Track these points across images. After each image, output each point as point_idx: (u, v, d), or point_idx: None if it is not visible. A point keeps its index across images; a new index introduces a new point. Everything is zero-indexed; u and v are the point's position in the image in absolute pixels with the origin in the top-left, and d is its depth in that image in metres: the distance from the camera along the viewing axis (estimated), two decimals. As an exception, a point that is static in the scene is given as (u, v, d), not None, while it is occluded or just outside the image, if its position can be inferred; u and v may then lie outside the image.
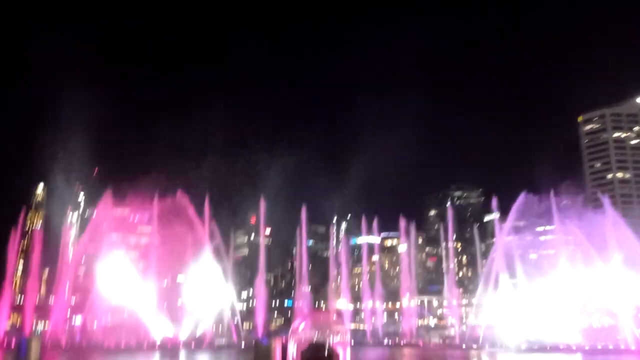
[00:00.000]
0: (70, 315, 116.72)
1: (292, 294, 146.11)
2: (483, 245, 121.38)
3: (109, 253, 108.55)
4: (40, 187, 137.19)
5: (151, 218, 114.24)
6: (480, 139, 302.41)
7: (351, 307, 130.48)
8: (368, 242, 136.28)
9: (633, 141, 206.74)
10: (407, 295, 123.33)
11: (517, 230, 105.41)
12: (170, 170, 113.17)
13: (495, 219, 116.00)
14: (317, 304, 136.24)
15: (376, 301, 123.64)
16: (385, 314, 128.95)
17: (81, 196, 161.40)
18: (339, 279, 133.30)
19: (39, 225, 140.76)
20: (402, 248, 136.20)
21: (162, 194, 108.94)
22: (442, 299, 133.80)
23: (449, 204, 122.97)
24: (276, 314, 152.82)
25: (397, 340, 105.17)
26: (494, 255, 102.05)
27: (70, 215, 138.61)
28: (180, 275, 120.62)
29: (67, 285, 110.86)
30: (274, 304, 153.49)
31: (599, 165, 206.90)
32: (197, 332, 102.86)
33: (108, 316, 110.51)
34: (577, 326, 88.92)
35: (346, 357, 8.75)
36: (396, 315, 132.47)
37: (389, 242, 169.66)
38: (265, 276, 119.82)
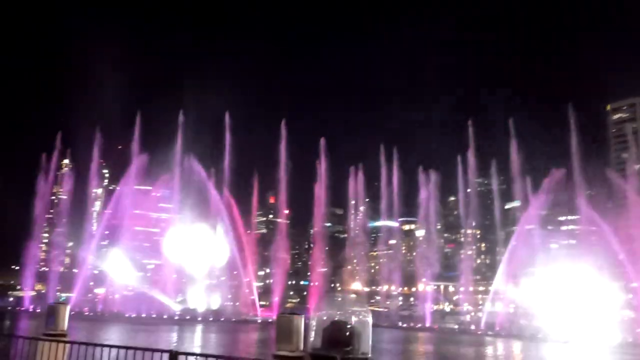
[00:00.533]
0: (92, 285, 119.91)
1: (308, 274, 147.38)
2: (503, 233, 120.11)
3: (131, 227, 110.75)
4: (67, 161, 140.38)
5: (172, 194, 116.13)
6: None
7: (367, 289, 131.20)
8: (386, 225, 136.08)
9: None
10: (424, 280, 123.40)
11: (539, 219, 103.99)
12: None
13: (516, 206, 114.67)
14: (333, 285, 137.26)
15: (392, 285, 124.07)
16: (401, 298, 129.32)
17: (106, 171, 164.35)
18: (355, 261, 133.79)
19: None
20: (420, 233, 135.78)
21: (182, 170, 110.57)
22: (459, 285, 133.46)
23: (469, 190, 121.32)
24: (292, 293, 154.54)
25: (412, 324, 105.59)
26: (514, 243, 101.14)
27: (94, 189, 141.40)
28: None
29: (89, 256, 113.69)
30: (290, 283, 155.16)
31: (625, 155, 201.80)
32: (216, 306, 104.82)
33: (129, 287, 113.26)
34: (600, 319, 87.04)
35: (368, 336, 8.82)
36: (412, 299, 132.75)
37: (406, 227, 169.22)
38: (282, 255, 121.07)
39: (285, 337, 9.83)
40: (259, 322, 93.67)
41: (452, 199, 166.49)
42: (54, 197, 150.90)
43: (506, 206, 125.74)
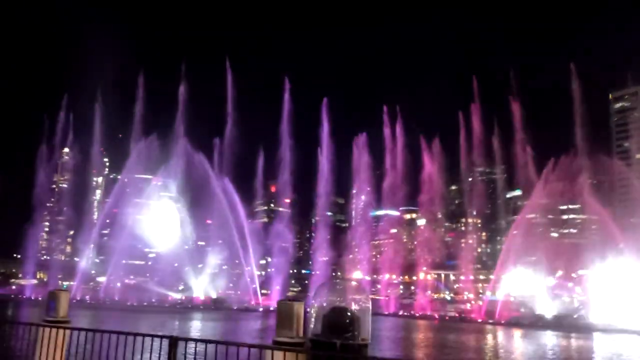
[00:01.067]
0: (94, 274, 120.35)
1: (310, 263, 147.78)
2: (504, 222, 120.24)
3: (132, 215, 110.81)
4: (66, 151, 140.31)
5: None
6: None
7: (368, 278, 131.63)
8: (388, 214, 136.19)
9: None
10: (424, 268, 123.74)
11: (540, 207, 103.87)
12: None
13: (517, 195, 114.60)
14: (334, 274, 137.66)
15: (393, 273, 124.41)
16: (402, 286, 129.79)
17: (106, 160, 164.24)
18: (356, 250, 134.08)
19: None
20: (421, 222, 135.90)
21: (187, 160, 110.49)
22: (460, 274, 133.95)
23: (470, 179, 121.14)
24: (293, 281, 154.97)
25: (412, 312, 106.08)
26: (515, 232, 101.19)
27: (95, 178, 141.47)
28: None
29: (91, 244, 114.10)
30: (291, 272, 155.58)
31: (627, 144, 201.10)
32: (217, 294, 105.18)
33: (131, 275, 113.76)
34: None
35: (368, 323, 8.78)
36: (412, 287, 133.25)
37: (408, 216, 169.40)
38: (283, 244, 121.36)
39: (286, 323, 9.78)
40: (260, 311, 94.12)
41: (454, 187, 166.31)
42: (54, 186, 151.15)
43: (507, 195, 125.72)
